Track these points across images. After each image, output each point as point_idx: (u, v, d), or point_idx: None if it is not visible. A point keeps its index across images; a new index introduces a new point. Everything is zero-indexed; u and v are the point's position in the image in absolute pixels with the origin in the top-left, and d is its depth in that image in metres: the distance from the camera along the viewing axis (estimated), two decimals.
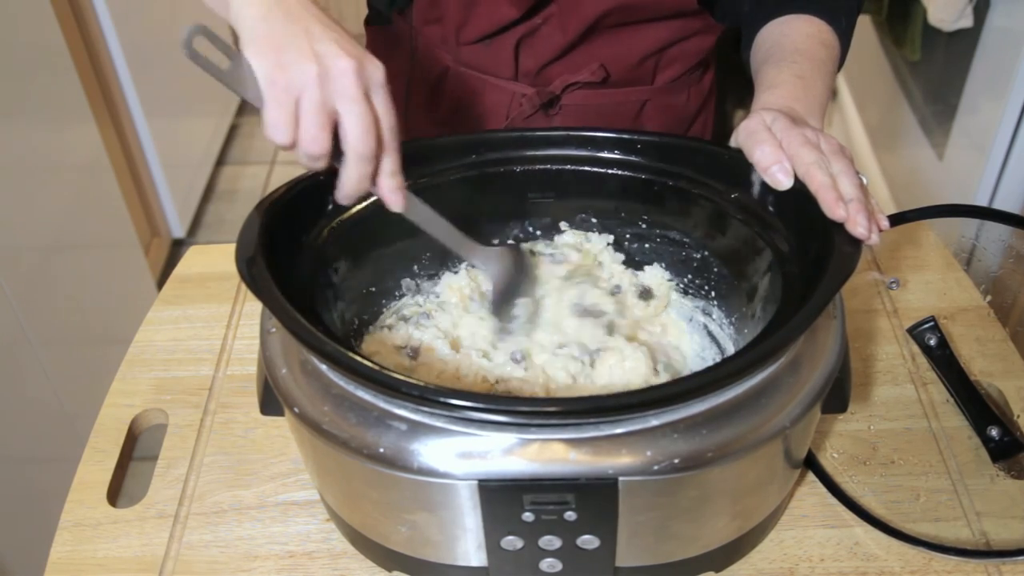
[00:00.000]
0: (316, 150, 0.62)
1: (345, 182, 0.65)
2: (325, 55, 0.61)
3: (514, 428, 0.61)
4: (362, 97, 0.62)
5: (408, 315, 0.85)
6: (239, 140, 2.98)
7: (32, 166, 1.66)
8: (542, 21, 0.93)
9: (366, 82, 0.62)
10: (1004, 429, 0.83)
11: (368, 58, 0.63)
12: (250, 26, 0.63)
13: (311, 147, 0.62)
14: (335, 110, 0.62)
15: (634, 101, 1.01)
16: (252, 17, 0.63)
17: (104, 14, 2.05)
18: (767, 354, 0.61)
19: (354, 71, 0.61)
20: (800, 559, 0.76)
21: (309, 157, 0.63)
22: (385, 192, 0.67)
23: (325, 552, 0.77)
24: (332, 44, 0.62)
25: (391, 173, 0.66)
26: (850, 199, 0.68)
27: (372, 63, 0.63)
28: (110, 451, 0.86)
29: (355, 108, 0.62)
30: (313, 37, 0.62)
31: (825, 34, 0.85)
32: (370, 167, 0.64)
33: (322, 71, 0.61)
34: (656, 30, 0.95)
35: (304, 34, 0.62)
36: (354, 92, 0.61)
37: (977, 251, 1.02)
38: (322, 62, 0.61)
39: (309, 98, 0.61)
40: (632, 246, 0.87)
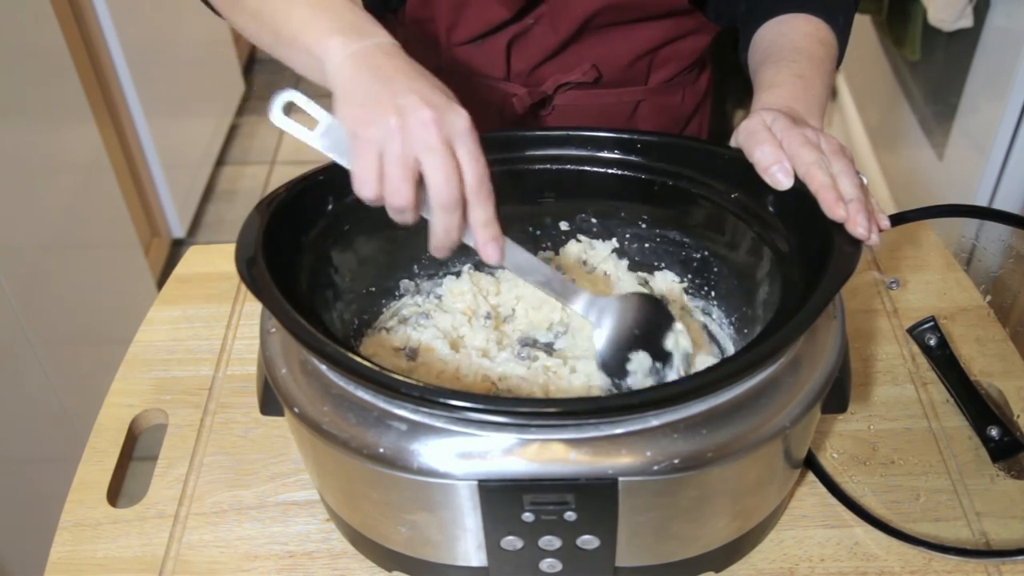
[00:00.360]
0: (400, 202, 0.62)
1: (433, 234, 0.65)
2: (406, 107, 0.61)
3: (514, 428, 0.61)
4: (442, 147, 0.61)
5: (407, 316, 0.85)
6: (239, 140, 2.98)
7: (32, 166, 1.66)
8: (533, 21, 0.93)
9: (447, 131, 0.62)
10: (1004, 429, 0.83)
11: (451, 108, 0.63)
12: (341, 86, 0.64)
13: (395, 199, 0.62)
14: (418, 161, 0.62)
15: (628, 102, 1.01)
16: (344, 78, 0.64)
17: (104, 14, 2.05)
18: (767, 354, 0.61)
19: (434, 121, 0.61)
20: (800, 559, 0.76)
21: (395, 210, 0.63)
22: (478, 244, 0.66)
23: (325, 552, 0.77)
24: (413, 96, 0.62)
25: (483, 224, 0.64)
26: (850, 199, 0.68)
27: (454, 112, 0.63)
28: (110, 451, 0.86)
29: (435, 159, 0.61)
30: (396, 91, 0.62)
31: (823, 33, 0.85)
32: (455, 218, 0.64)
33: (402, 123, 0.61)
34: (648, 30, 0.95)
35: (387, 88, 0.62)
36: (433, 142, 0.61)
37: (977, 251, 1.02)
38: (403, 114, 0.61)
39: (391, 151, 0.61)
40: (632, 247, 0.87)
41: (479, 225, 0.64)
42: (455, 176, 0.62)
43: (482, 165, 0.63)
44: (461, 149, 0.62)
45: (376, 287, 0.84)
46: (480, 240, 0.65)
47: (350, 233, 0.78)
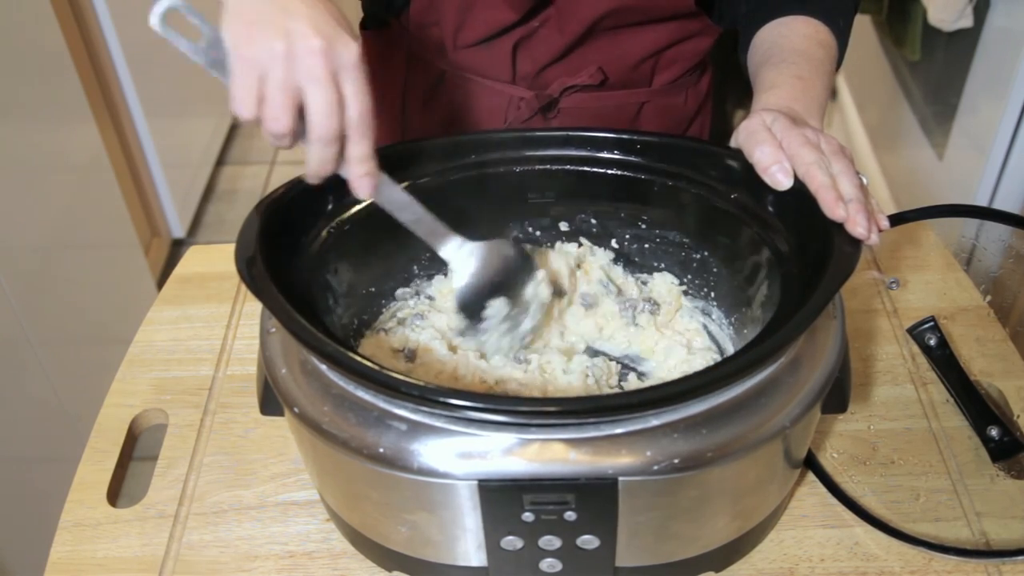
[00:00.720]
0: (278, 129, 0.62)
1: (308, 163, 0.64)
2: (295, 32, 0.60)
3: (514, 428, 0.61)
4: (327, 78, 0.61)
5: (404, 317, 0.85)
6: (239, 140, 2.98)
7: (32, 166, 1.66)
8: (539, 24, 0.93)
9: (335, 63, 0.61)
10: (1004, 429, 0.83)
11: (341, 38, 0.61)
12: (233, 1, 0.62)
13: (273, 126, 0.62)
14: (300, 89, 0.61)
15: (632, 103, 1.01)
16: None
17: (104, 14, 2.05)
18: (767, 354, 0.61)
19: (322, 51, 0.60)
20: (800, 559, 0.76)
21: (272, 136, 0.62)
22: (351, 178, 0.66)
23: (325, 552, 0.77)
24: (305, 22, 0.60)
25: (359, 159, 0.64)
26: (850, 199, 0.68)
27: (344, 43, 0.61)
28: (110, 451, 0.86)
29: (318, 90, 0.61)
30: (288, 13, 0.61)
31: (823, 34, 0.85)
32: (332, 150, 0.63)
33: (289, 49, 0.60)
34: (654, 32, 0.95)
35: (281, 10, 0.61)
36: (319, 73, 0.60)
37: (977, 251, 1.02)
38: (290, 40, 0.60)
39: (273, 77, 0.60)
40: (631, 247, 0.87)
41: (355, 160, 0.64)
42: (337, 110, 0.62)
43: (365, 100, 0.62)
44: (347, 82, 0.62)
45: (375, 288, 0.84)
46: (354, 174, 0.65)
47: (349, 233, 0.77)
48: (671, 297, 0.86)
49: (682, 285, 0.86)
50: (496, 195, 0.83)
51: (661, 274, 0.87)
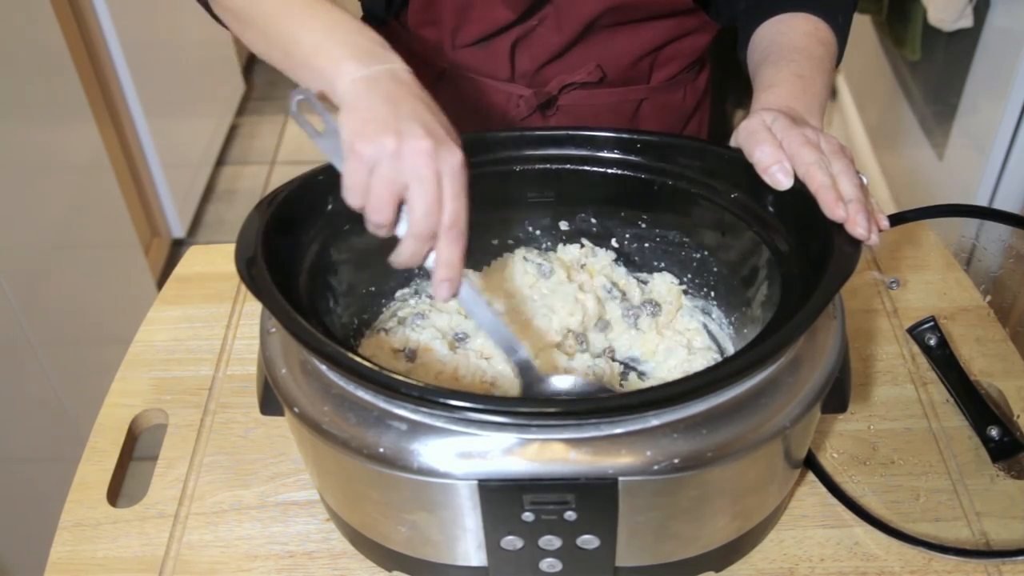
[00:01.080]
0: (379, 220, 0.64)
1: (400, 253, 0.66)
2: (405, 133, 0.63)
3: (514, 428, 0.61)
4: (432, 179, 0.63)
5: (403, 317, 0.85)
6: (239, 140, 2.98)
7: (32, 166, 1.66)
8: (538, 22, 0.93)
9: (440, 165, 0.63)
10: (1004, 429, 0.83)
11: (448, 143, 0.64)
12: (350, 96, 0.65)
13: (375, 216, 0.64)
14: (405, 186, 0.63)
15: (631, 100, 1.01)
16: (352, 95, 0.65)
17: (104, 14, 2.05)
18: (767, 354, 0.61)
19: (429, 152, 0.62)
20: (800, 559, 0.76)
21: (372, 225, 0.65)
22: (435, 280, 0.66)
23: (325, 552, 0.77)
24: (415, 123, 0.63)
25: (446, 263, 0.65)
26: (850, 199, 0.68)
27: (450, 148, 0.64)
28: (110, 451, 0.86)
29: (422, 190, 0.63)
30: (400, 115, 0.63)
31: (822, 32, 0.85)
32: (426, 247, 0.65)
33: (399, 147, 0.62)
34: (652, 29, 0.95)
35: (392, 110, 0.64)
36: (424, 172, 0.62)
37: (977, 251, 1.02)
38: (401, 138, 0.62)
39: (381, 171, 0.63)
40: (631, 247, 0.87)
41: (442, 263, 0.65)
42: (436, 210, 0.63)
43: (463, 206, 0.64)
44: (447, 186, 0.63)
45: (375, 287, 0.84)
46: (437, 278, 0.66)
47: (349, 233, 0.78)
48: (671, 297, 0.86)
49: (682, 285, 0.86)
50: (496, 195, 0.83)
51: (661, 274, 0.87)
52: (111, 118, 2.13)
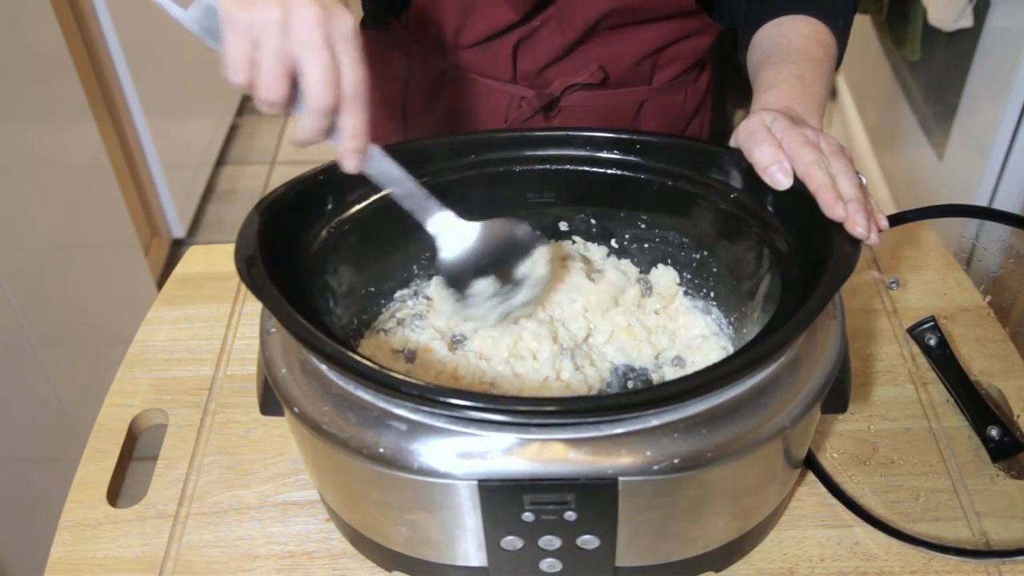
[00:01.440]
0: (272, 96, 0.61)
1: (299, 131, 0.63)
2: (291, 1, 0.60)
3: (514, 428, 0.61)
4: (324, 48, 0.60)
5: (403, 317, 0.85)
6: (239, 140, 2.98)
7: (32, 166, 1.66)
8: (540, 23, 0.93)
9: (331, 33, 0.60)
10: (1004, 429, 0.83)
11: (337, 9, 0.61)
12: None
13: (267, 93, 0.61)
14: (296, 58, 0.60)
15: (632, 101, 1.01)
16: None
17: (104, 14, 2.05)
18: (767, 354, 0.61)
19: (319, 20, 0.60)
20: (800, 559, 0.76)
21: (265, 103, 0.62)
22: (341, 151, 0.65)
23: (325, 552, 0.77)
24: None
25: (352, 133, 0.63)
26: (849, 199, 0.68)
27: (341, 14, 0.61)
28: (110, 451, 0.86)
29: (315, 59, 0.60)
30: None
31: (822, 34, 0.85)
32: (326, 121, 0.62)
33: (285, 17, 0.59)
34: (654, 30, 0.95)
35: None
36: (316, 42, 0.60)
37: (977, 251, 1.02)
38: (287, 7, 0.59)
39: (268, 44, 0.60)
40: (631, 247, 0.87)
41: (347, 134, 0.63)
42: (333, 79, 0.61)
43: (362, 73, 0.62)
44: (343, 53, 0.61)
45: (375, 288, 0.84)
46: (344, 148, 0.64)
47: (349, 233, 0.78)
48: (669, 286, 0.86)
49: (681, 285, 0.86)
50: (496, 195, 0.83)
51: (659, 271, 0.87)
52: (111, 118, 2.13)
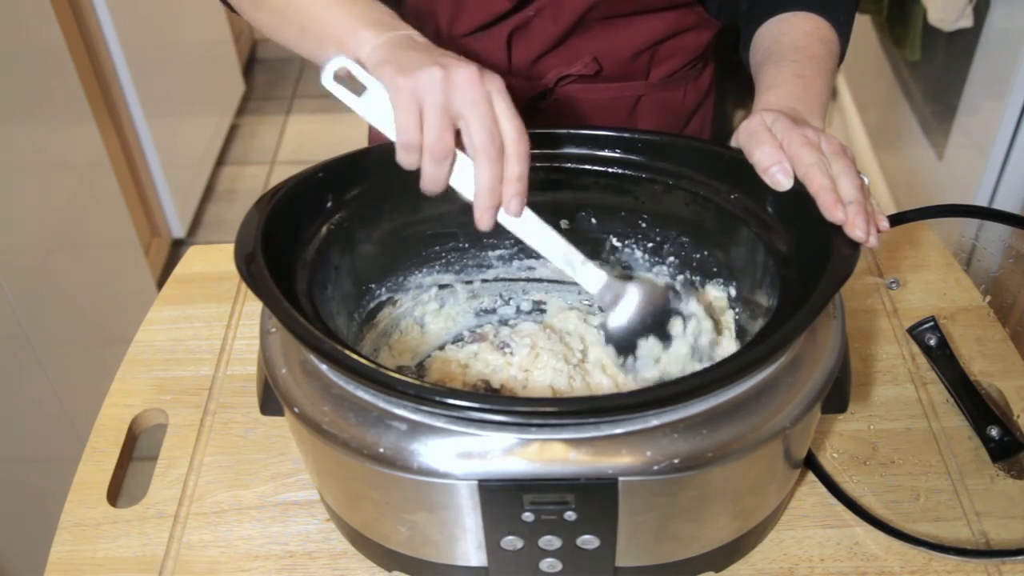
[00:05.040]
0: (440, 149, 0.65)
1: (478, 192, 0.66)
2: (448, 64, 0.64)
3: (514, 428, 0.61)
4: (484, 100, 0.64)
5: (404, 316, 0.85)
6: (239, 140, 2.98)
7: (32, 166, 1.66)
8: (534, 13, 0.93)
9: (487, 87, 0.64)
10: (1004, 429, 0.83)
11: (487, 70, 0.65)
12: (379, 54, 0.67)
13: (436, 146, 0.64)
14: (458, 113, 0.64)
15: (628, 96, 1.01)
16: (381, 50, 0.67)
17: (104, 14, 2.05)
18: (767, 354, 0.61)
19: (476, 76, 0.64)
20: (800, 559, 0.76)
21: (434, 159, 0.65)
22: (506, 197, 0.67)
23: (325, 552, 0.77)
24: (452, 58, 0.65)
25: (515, 179, 0.66)
26: (849, 201, 0.68)
27: (491, 74, 0.65)
28: (110, 451, 0.86)
29: (478, 110, 0.64)
30: (435, 54, 0.65)
31: (824, 31, 0.85)
32: (498, 168, 0.65)
33: (445, 76, 0.63)
34: (649, 23, 0.95)
35: (427, 53, 0.65)
36: (476, 95, 0.64)
37: (977, 251, 1.02)
38: (446, 68, 0.64)
39: (432, 100, 0.64)
40: (631, 246, 0.87)
41: (511, 179, 0.66)
42: (496, 129, 0.64)
43: (519, 121, 0.65)
44: (500, 105, 0.65)
45: (375, 286, 0.84)
46: (508, 193, 0.66)
47: (349, 231, 0.78)
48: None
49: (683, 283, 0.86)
50: None
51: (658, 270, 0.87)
52: (111, 118, 2.13)
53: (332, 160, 0.76)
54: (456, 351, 0.83)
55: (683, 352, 0.77)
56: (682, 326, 0.77)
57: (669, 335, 0.77)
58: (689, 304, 0.78)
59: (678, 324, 0.77)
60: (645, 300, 0.76)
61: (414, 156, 0.66)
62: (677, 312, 0.77)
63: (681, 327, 0.77)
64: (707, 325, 0.78)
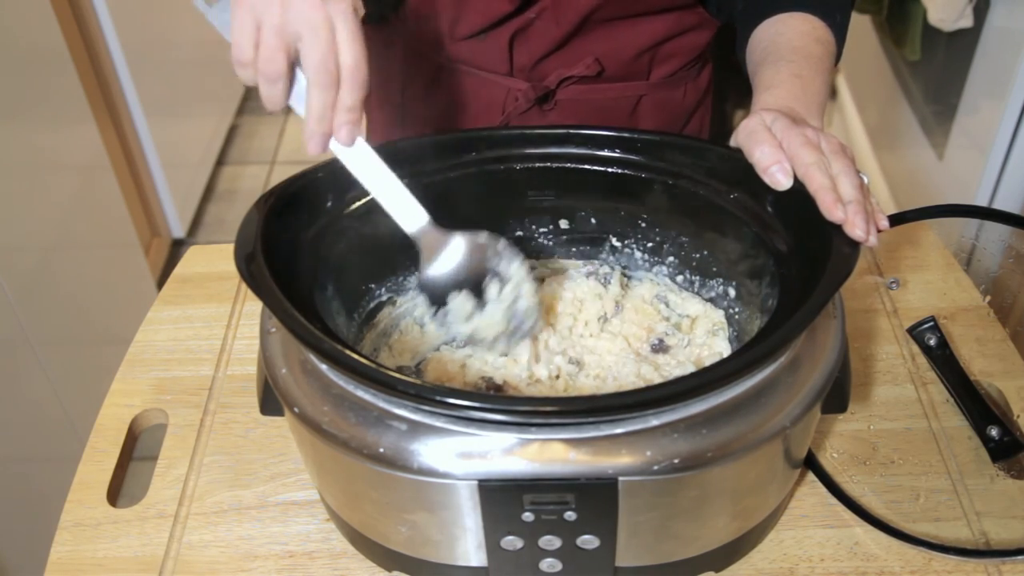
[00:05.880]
0: (271, 70, 0.63)
1: (309, 115, 0.65)
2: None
3: (514, 428, 0.61)
4: (323, 24, 0.63)
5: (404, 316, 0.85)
6: (239, 140, 2.98)
7: (32, 166, 1.66)
8: (535, 15, 0.93)
9: (329, 10, 0.63)
10: (1004, 429, 0.83)
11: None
12: None
13: (267, 67, 0.63)
14: (295, 34, 0.63)
15: (630, 96, 1.01)
16: None
17: (104, 14, 2.05)
18: (766, 354, 0.61)
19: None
20: (800, 559, 0.76)
21: (266, 78, 0.64)
22: (336, 124, 0.66)
23: (325, 552, 0.77)
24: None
25: (347, 108, 0.65)
26: (849, 200, 0.68)
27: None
28: (110, 451, 0.86)
29: (315, 35, 0.62)
30: None
31: (820, 31, 0.85)
32: (331, 97, 0.64)
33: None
34: (651, 24, 0.96)
35: None
36: (315, 17, 0.62)
37: (977, 251, 1.02)
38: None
39: (270, 20, 0.62)
40: (631, 246, 0.87)
41: (343, 107, 0.65)
42: (332, 55, 0.63)
43: (360, 48, 0.64)
44: (341, 30, 0.63)
45: (376, 286, 0.84)
46: (338, 121, 0.65)
47: (350, 231, 0.77)
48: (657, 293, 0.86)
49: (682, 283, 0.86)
50: (496, 193, 0.83)
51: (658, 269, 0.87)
52: (111, 118, 2.13)
53: (332, 160, 0.76)
54: (453, 351, 0.83)
55: (497, 316, 0.77)
56: (498, 288, 0.76)
57: (483, 294, 0.76)
58: (511, 266, 0.76)
59: (494, 286, 0.76)
60: (463, 253, 0.75)
61: (248, 72, 0.65)
62: (495, 272, 0.76)
63: (497, 290, 0.76)
64: (527, 288, 0.77)
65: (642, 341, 0.84)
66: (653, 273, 0.88)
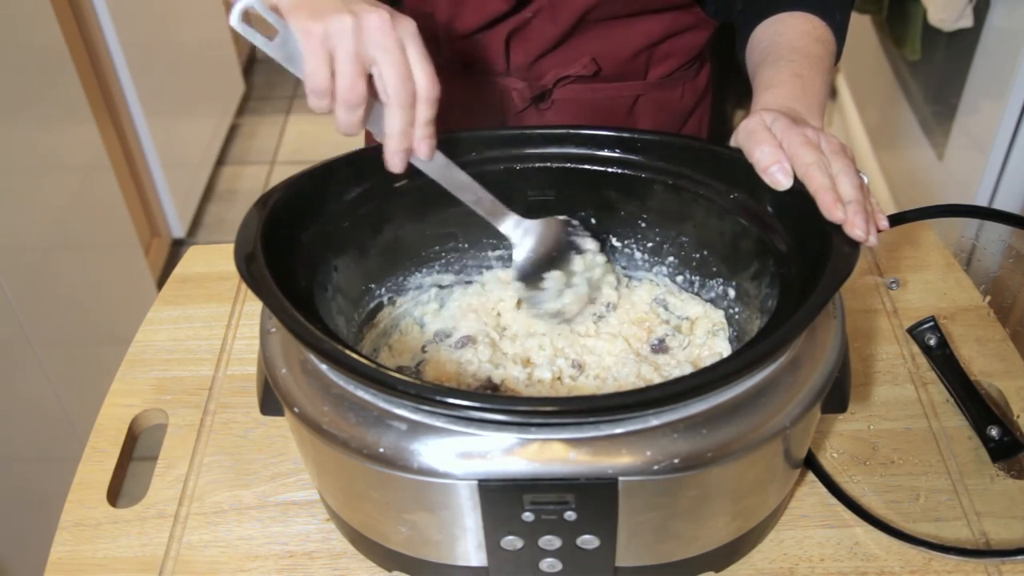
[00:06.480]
0: (352, 96, 0.65)
1: (389, 135, 0.67)
2: (359, 11, 0.64)
3: (514, 428, 0.61)
4: (397, 47, 0.65)
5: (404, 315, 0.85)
6: (239, 140, 2.98)
7: (32, 166, 1.66)
8: (532, 14, 0.93)
9: (400, 33, 0.65)
10: (1004, 429, 0.83)
11: (399, 14, 0.66)
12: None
13: (348, 94, 0.65)
14: (371, 60, 0.65)
15: (627, 96, 1.01)
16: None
17: (104, 14, 2.05)
18: (766, 354, 0.61)
19: (388, 22, 0.65)
20: (800, 559, 0.76)
21: (347, 106, 0.65)
22: (416, 139, 0.69)
23: (325, 552, 0.77)
24: (363, 3, 0.65)
25: (425, 123, 0.68)
26: (849, 200, 0.68)
27: (404, 18, 0.66)
28: (110, 451, 0.86)
29: (390, 57, 0.65)
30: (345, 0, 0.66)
31: (820, 31, 0.85)
32: (410, 116, 0.67)
33: (357, 22, 0.64)
34: (648, 24, 0.96)
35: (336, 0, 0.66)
36: (388, 42, 0.64)
37: (977, 251, 1.02)
38: (356, 15, 0.64)
39: (344, 48, 0.64)
40: (631, 246, 0.87)
41: (422, 123, 0.68)
42: (409, 76, 0.65)
43: (430, 65, 0.66)
44: (411, 51, 0.65)
45: (375, 286, 0.84)
46: (417, 136, 0.68)
47: (349, 230, 0.78)
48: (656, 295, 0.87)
49: (682, 284, 0.86)
50: (496, 192, 0.83)
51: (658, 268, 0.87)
52: (111, 118, 2.13)
53: (332, 160, 0.76)
54: (451, 351, 0.83)
55: (583, 290, 0.83)
56: (581, 262, 0.83)
57: (572, 271, 0.82)
58: (586, 241, 0.83)
59: (578, 260, 0.83)
60: (548, 233, 0.81)
61: (324, 102, 0.66)
62: (575, 246, 0.83)
63: (581, 263, 0.83)
64: (600, 259, 0.84)
65: (642, 342, 0.84)
66: (653, 273, 0.88)
